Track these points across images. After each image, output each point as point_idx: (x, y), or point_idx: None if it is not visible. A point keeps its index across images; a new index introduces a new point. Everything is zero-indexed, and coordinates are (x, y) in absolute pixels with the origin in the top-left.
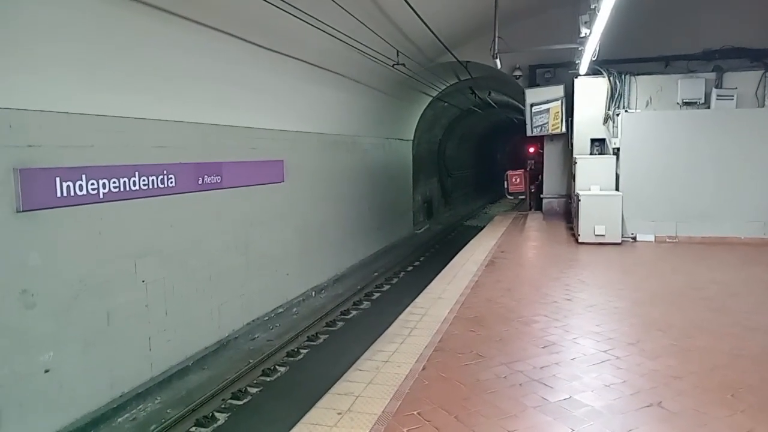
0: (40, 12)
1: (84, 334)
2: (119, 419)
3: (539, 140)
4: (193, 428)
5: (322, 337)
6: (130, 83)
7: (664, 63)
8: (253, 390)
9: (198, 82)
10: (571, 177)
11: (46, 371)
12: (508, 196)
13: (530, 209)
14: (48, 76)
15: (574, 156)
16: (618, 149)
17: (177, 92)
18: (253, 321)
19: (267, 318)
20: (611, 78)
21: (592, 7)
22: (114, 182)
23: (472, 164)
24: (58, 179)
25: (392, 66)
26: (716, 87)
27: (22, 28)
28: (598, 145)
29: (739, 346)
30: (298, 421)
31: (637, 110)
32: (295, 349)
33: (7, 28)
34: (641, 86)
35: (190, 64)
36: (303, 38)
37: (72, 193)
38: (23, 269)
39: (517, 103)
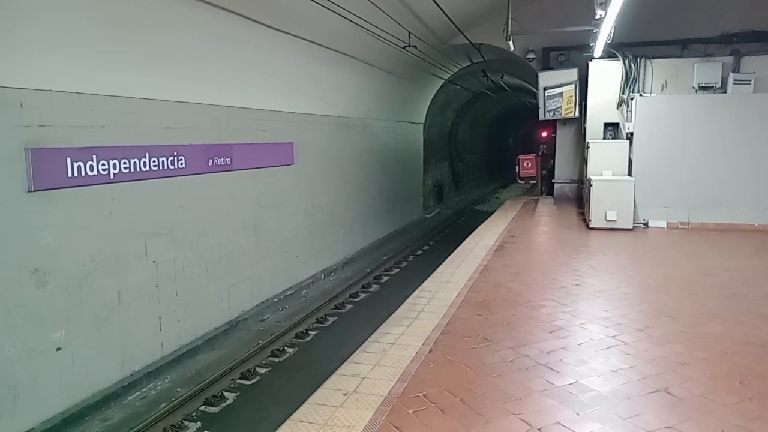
0: None
1: (95, 313)
2: (130, 397)
3: (552, 124)
4: (203, 407)
5: (331, 319)
6: (141, 64)
7: (681, 46)
8: (262, 370)
9: (209, 63)
10: (583, 162)
11: (58, 349)
12: (520, 181)
13: (541, 194)
14: (59, 56)
15: (586, 140)
16: (631, 134)
17: (188, 73)
18: (262, 302)
19: (276, 299)
20: (626, 61)
21: None
22: (124, 163)
23: (483, 148)
24: (69, 159)
25: (404, 48)
26: (733, 71)
27: (33, 7)
28: (612, 129)
29: (749, 333)
30: (305, 401)
31: (652, 94)
32: (304, 331)
33: (18, 7)
34: (657, 70)
35: (201, 44)
36: (314, 19)
37: (83, 174)
38: (35, 248)
39: (530, 86)
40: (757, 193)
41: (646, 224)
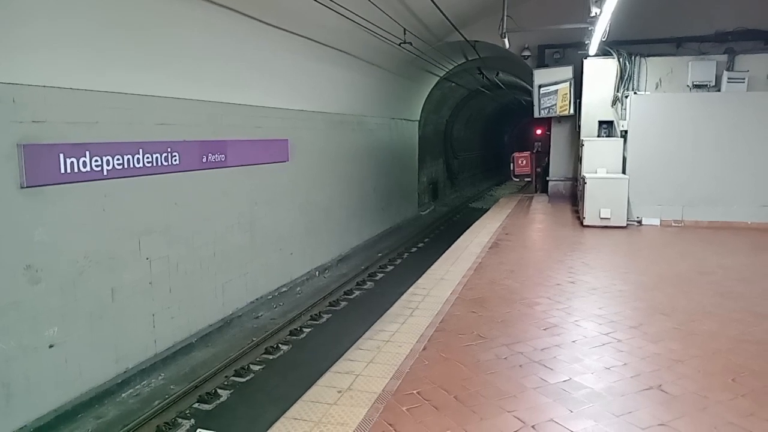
0: None
1: (89, 310)
2: (123, 394)
3: (547, 122)
4: (196, 404)
5: (325, 316)
6: (136, 60)
7: (676, 44)
8: (256, 368)
9: (203, 59)
10: (577, 160)
11: (51, 346)
12: (514, 179)
13: (536, 192)
14: (53, 52)
15: (581, 138)
16: (626, 132)
17: (182, 70)
18: (257, 299)
19: (271, 297)
20: (621, 59)
21: None
22: (118, 159)
23: (478, 146)
24: (62, 155)
25: (399, 45)
26: (728, 69)
27: (32, 6)
28: (606, 127)
29: (744, 331)
30: (299, 398)
31: (647, 92)
32: (298, 328)
33: (13, 3)
34: (651, 68)
35: (196, 41)
36: (309, 16)
37: (76, 170)
38: (28, 245)
39: (525, 84)
40: (752, 191)
41: (639, 222)
